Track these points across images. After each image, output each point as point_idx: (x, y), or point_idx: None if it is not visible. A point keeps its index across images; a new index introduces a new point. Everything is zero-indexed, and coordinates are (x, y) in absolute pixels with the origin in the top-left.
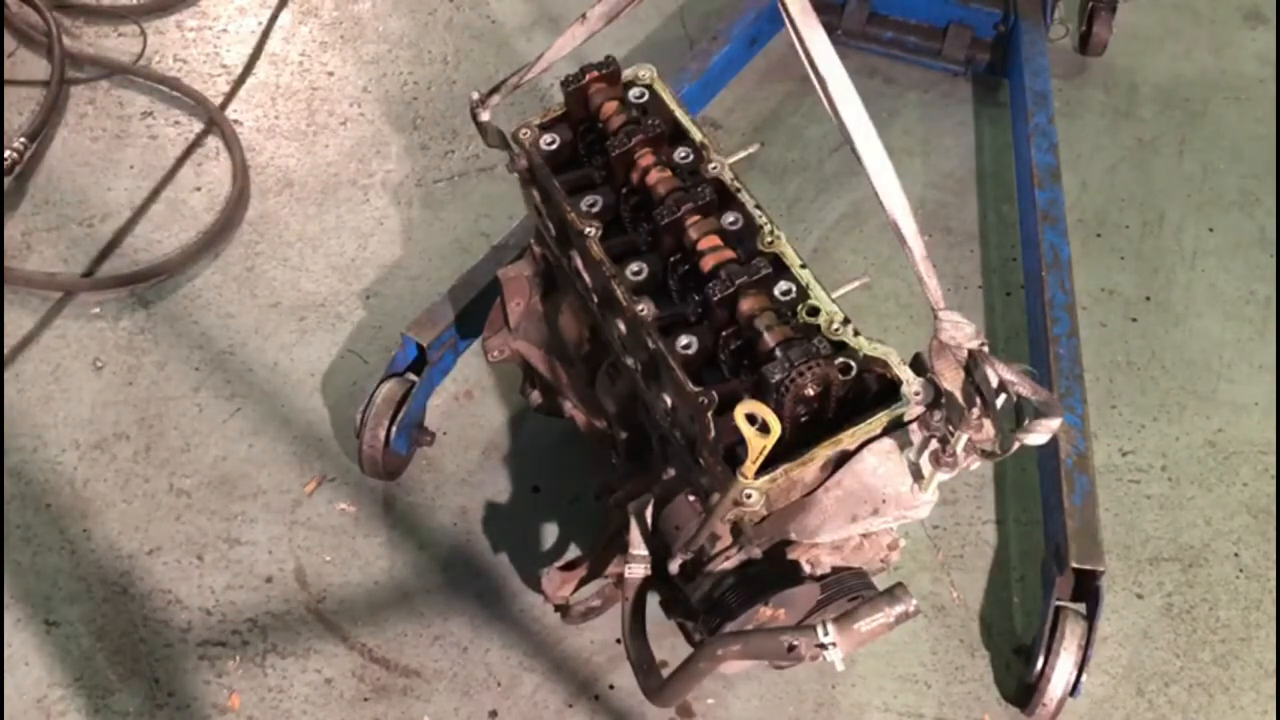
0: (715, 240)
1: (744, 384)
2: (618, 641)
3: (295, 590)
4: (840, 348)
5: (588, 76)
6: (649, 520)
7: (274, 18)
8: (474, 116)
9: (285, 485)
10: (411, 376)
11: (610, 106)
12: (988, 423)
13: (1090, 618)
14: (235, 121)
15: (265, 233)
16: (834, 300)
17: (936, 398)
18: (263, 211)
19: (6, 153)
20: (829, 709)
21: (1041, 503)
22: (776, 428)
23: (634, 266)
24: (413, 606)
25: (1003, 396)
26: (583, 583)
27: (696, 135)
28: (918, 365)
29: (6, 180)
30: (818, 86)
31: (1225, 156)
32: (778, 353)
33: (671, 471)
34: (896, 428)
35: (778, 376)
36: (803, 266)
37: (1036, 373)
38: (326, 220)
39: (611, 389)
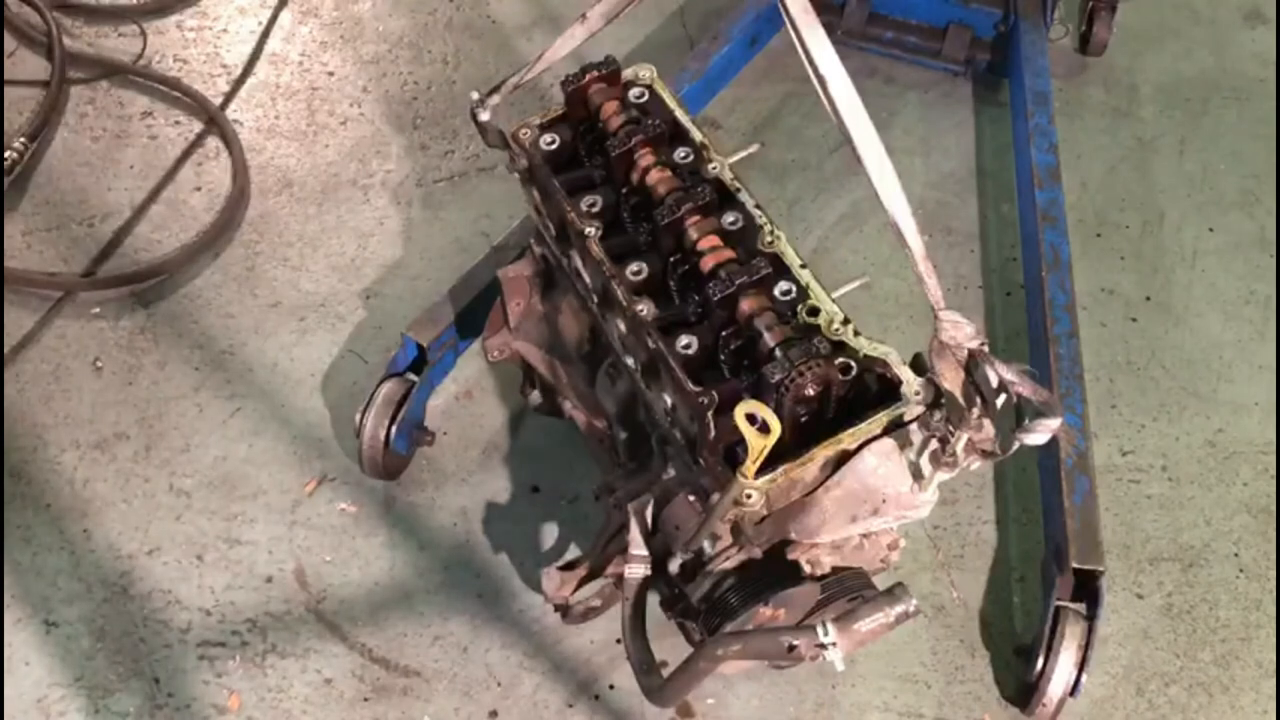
0: (715, 240)
1: (744, 384)
2: (618, 641)
3: (295, 590)
4: (840, 348)
5: (588, 76)
6: (649, 520)
7: (274, 18)
8: (474, 116)
9: (285, 485)
10: (411, 376)
11: (610, 106)
12: (988, 423)
13: (1090, 618)
14: (235, 121)
15: (265, 233)
16: (834, 300)
17: (936, 398)
18: (263, 211)
19: (6, 153)
20: (829, 709)
21: (1041, 503)
22: (776, 428)
23: (634, 266)
24: (413, 606)
25: (1003, 396)
26: (583, 583)
27: (696, 135)
28: (918, 365)
29: (6, 180)
30: (818, 86)
31: (1225, 156)
32: (778, 353)
33: (671, 471)
34: (896, 428)
35: (778, 376)
36: (803, 266)
37: (1036, 373)
38: (326, 220)
39: (611, 389)
